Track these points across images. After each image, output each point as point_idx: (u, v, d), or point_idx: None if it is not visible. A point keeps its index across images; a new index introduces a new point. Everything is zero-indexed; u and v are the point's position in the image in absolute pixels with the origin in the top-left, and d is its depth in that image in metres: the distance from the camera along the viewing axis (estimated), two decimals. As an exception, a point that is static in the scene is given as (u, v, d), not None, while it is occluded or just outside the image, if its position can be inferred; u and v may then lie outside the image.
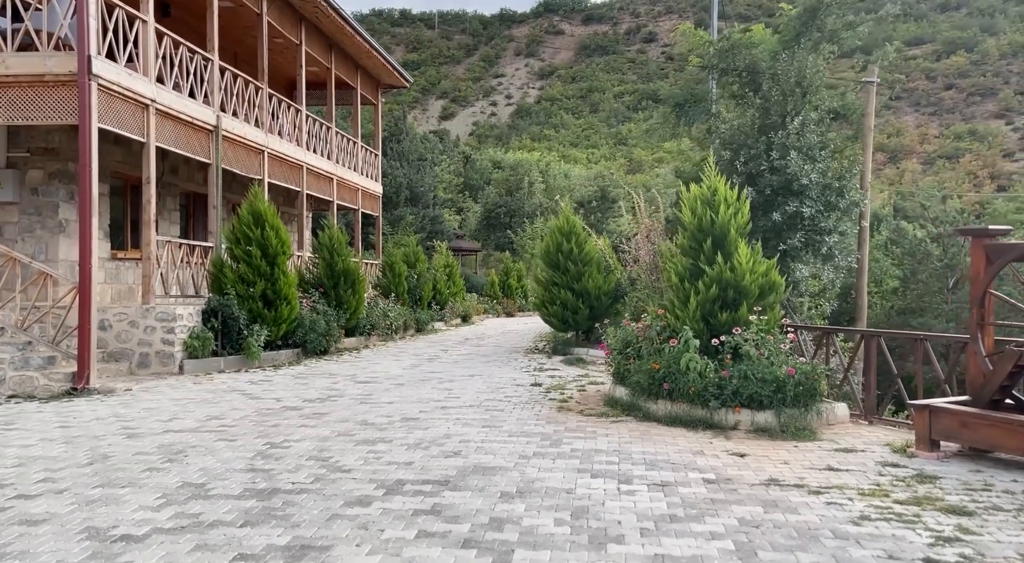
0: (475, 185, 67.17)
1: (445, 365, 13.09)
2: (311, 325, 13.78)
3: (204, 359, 11.99)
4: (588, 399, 9.48)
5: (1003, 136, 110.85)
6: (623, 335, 9.18)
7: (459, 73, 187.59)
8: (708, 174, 8.77)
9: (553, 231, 14.56)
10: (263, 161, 15.67)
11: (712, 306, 8.21)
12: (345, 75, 20.51)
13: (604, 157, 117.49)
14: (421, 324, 20.24)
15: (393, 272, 19.93)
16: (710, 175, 8.75)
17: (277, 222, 13.30)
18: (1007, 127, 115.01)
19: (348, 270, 15.69)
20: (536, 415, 8.47)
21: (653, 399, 8.15)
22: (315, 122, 18.70)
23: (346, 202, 20.43)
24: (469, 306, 26.04)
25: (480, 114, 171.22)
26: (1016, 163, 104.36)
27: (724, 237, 8.38)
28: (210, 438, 7.34)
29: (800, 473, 5.93)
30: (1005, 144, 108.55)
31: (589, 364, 12.97)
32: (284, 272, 13.03)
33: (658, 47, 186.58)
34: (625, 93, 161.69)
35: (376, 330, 17.18)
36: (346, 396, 9.88)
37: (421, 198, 37.62)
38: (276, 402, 9.45)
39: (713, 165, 12.94)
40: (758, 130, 12.60)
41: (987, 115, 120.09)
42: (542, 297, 14.56)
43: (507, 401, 9.40)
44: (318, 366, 13.01)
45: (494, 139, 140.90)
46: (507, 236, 49.78)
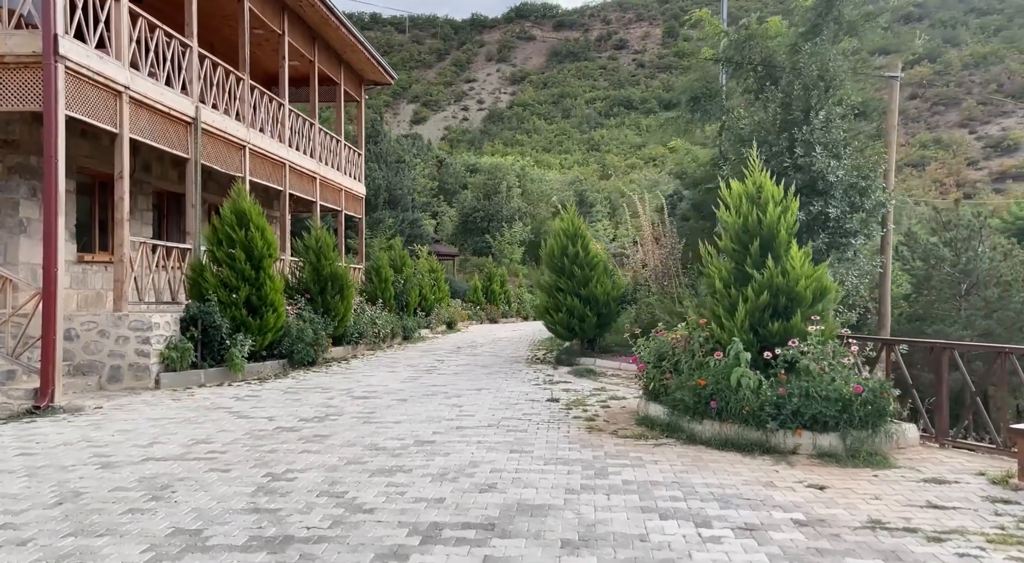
0: (450, 189, 66.18)
1: (446, 377, 12.14)
2: (298, 334, 12.74)
3: (183, 372, 10.91)
4: (616, 417, 8.61)
5: (967, 145, 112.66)
6: (656, 346, 8.33)
7: (430, 77, 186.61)
8: (752, 169, 7.97)
9: (557, 233, 13.69)
10: (244, 158, 14.61)
11: (762, 315, 7.40)
12: (328, 69, 19.48)
13: (577, 163, 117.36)
14: (408, 332, 19.25)
15: (379, 277, 18.91)
16: (754, 171, 7.95)
17: (263, 222, 12.27)
18: (971, 136, 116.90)
19: (336, 275, 14.68)
20: (566, 437, 7.58)
21: (698, 419, 7.31)
22: (298, 118, 17.66)
23: (329, 203, 19.38)
24: (454, 312, 25.08)
25: (452, 119, 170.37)
26: (980, 171, 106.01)
27: (773, 238, 7.58)
28: (199, 468, 6.34)
29: (901, 512, 5.11)
30: (969, 153, 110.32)
31: (601, 376, 12.11)
32: (270, 276, 11.99)
33: (629, 54, 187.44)
34: (597, 99, 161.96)
35: (364, 339, 16.17)
36: (346, 414, 8.91)
37: (400, 201, 36.56)
38: (268, 422, 8.45)
39: (728, 161, 12.24)
40: (780, 126, 11.86)
41: (951, 124, 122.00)
42: (546, 304, 13.68)
43: (527, 420, 8.50)
44: (307, 379, 11.98)
45: (467, 143, 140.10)
46: (485, 241, 48.85)
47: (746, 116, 12.66)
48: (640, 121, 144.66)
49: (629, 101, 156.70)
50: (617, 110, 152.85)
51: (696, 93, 14.17)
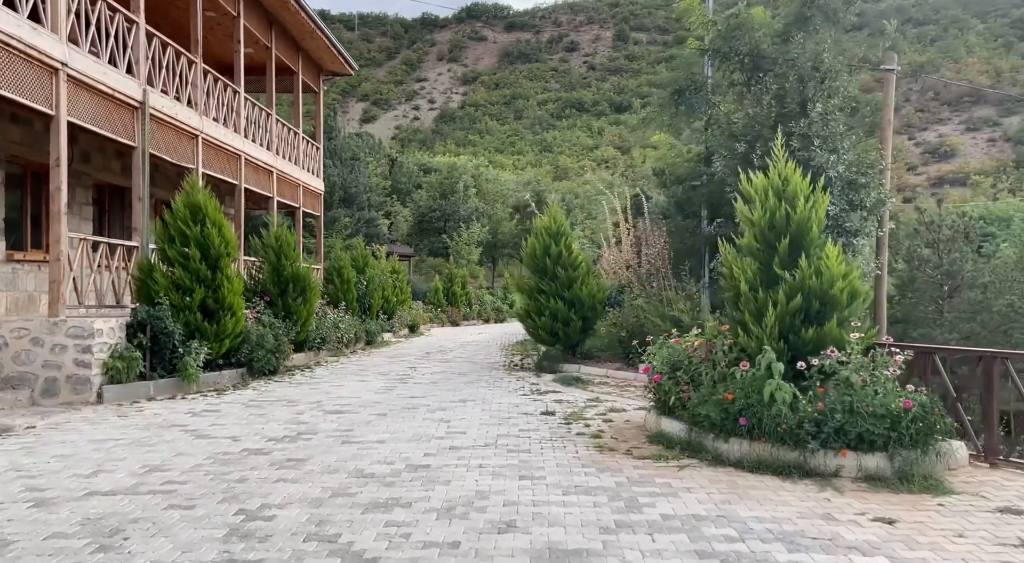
0: (403, 189, 64.94)
1: (424, 387, 11.20)
2: (258, 340, 11.64)
3: (129, 384, 9.75)
4: (623, 433, 7.81)
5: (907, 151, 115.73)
6: (668, 355, 7.56)
7: (380, 76, 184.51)
8: (776, 160, 7.26)
9: (539, 232, 12.85)
10: (197, 148, 13.42)
11: (792, 320, 6.69)
12: (286, 57, 18.31)
13: (530, 164, 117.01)
14: (371, 336, 18.20)
15: (341, 278, 17.81)
16: (778, 161, 7.24)
17: (219, 217, 11.15)
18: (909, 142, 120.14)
19: (298, 276, 13.59)
20: (576, 458, 6.75)
21: (723, 437, 6.55)
22: (254, 107, 16.47)
23: (286, 199, 18.21)
24: (417, 315, 24.06)
25: (403, 118, 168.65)
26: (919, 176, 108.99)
27: (803, 235, 6.89)
28: (156, 505, 5.33)
29: (998, 554, 4.41)
30: (908, 158, 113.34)
31: (590, 385, 11.32)
32: (228, 277, 10.88)
33: (580, 57, 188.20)
34: (549, 101, 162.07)
35: (326, 344, 15.09)
36: (321, 432, 7.92)
37: (355, 199, 35.32)
38: (233, 442, 7.42)
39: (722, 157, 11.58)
40: (775, 119, 11.24)
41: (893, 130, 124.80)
42: (527, 307, 12.82)
43: (525, 437, 7.64)
44: (270, 389, 10.91)
45: (418, 143, 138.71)
46: (442, 241, 47.80)
47: (739, 109, 12.02)
48: (592, 123, 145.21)
49: (581, 103, 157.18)
50: (569, 112, 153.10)
51: (680, 86, 13.50)
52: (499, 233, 51.85)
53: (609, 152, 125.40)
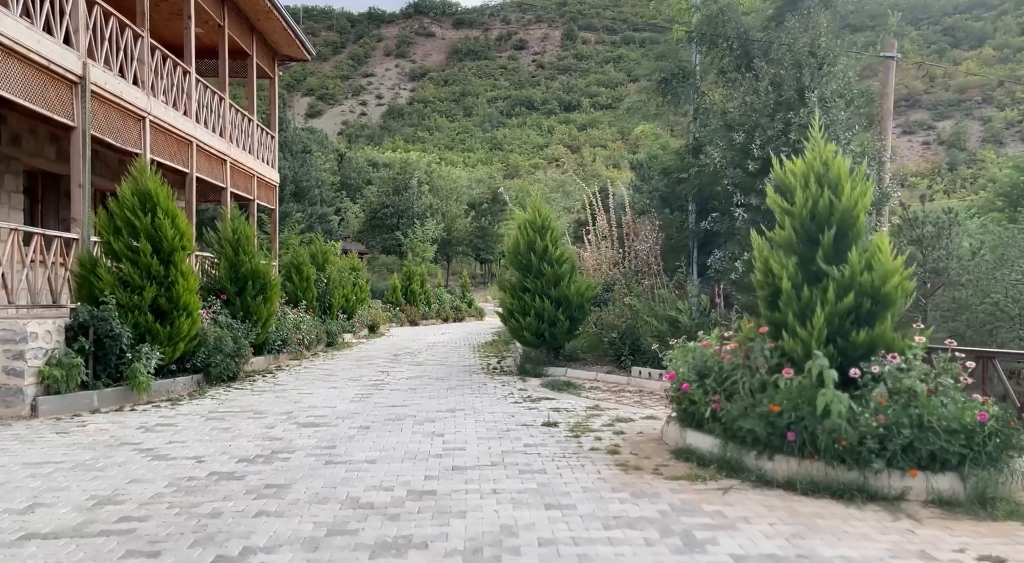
0: (352, 184, 63.45)
1: (403, 394, 10.23)
2: (216, 343, 10.51)
3: (70, 395, 8.57)
4: (642, 448, 7.01)
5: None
6: (696, 360, 6.79)
7: (326, 70, 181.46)
8: (814, 141, 6.54)
9: (523, 226, 11.98)
10: (144, 131, 12.17)
11: (842, 322, 5.99)
12: (239, 38, 17.05)
13: (481, 161, 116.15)
14: (332, 337, 17.09)
15: (300, 275, 16.65)
16: (817, 144, 6.53)
17: (173, 207, 9.99)
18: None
19: (257, 272, 12.46)
20: (600, 479, 5.92)
21: (766, 454, 5.80)
22: (206, 90, 15.21)
23: (240, 190, 16.96)
24: (377, 315, 22.97)
25: (350, 113, 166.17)
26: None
27: (851, 226, 6.19)
28: (111, 551, 4.32)
29: None
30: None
31: (582, 390, 10.51)
32: (183, 273, 9.74)
33: (529, 55, 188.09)
34: (498, 98, 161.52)
35: (287, 347, 13.97)
36: (298, 450, 6.92)
37: (307, 194, 33.92)
38: (197, 465, 6.38)
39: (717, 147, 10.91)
40: (772, 108, 10.61)
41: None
42: (511, 307, 11.93)
43: (534, 453, 6.78)
44: (231, 398, 9.80)
45: (365, 139, 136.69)
46: (395, 238, 46.59)
47: (734, 98, 11.36)
48: (542, 122, 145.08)
49: (531, 101, 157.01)
50: (519, 110, 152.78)
51: (666, 74, 12.79)
52: (454, 230, 50.89)
53: (560, 151, 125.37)
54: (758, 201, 10.48)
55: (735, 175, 10.65)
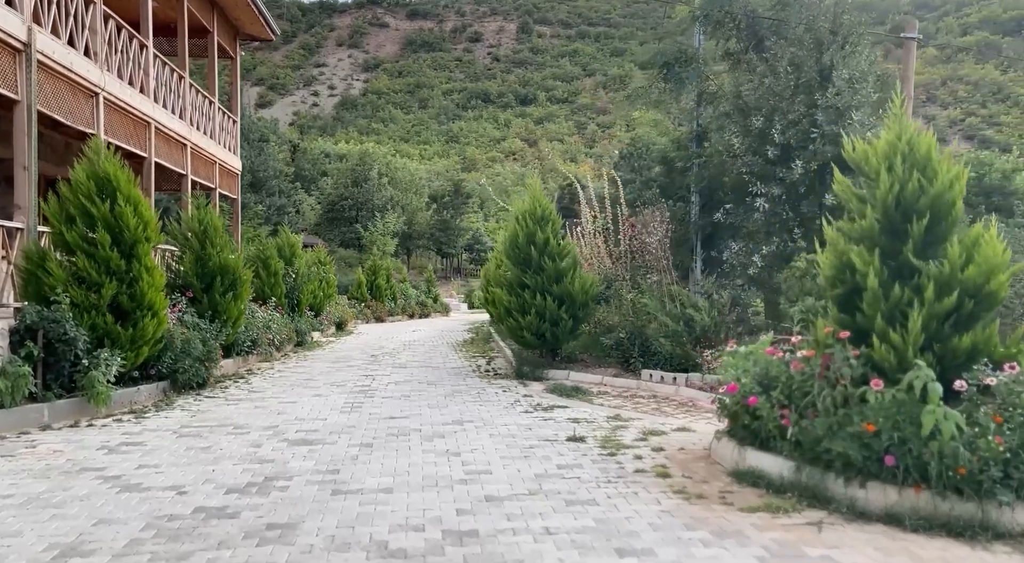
0: (307, 176, 61.64)
1: (397, 403, 9.22)
2: (184, 346, 9.36)
3: (16, 409, 7.38)
4: (694, 469, 6.16)
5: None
6: (758, 369, 5.97)
7: (277, 60, 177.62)
8: (895, 116, 5.75)
9: (522, 217, 11.03)
10: (97, 109, 10.89)
11: (940, 325, 5.22)
12: (199, 13, 15.73)
13: (437, 154, 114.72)
14: (301, 336, 15.93)
15: (268, 270, 15.44)
16: (899, 117, 5.73)
17: (135, 193, 8.80)
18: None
19: (226, 267, 11.29)
20: (666, 513, 5.05)
21: (857, 482, 5.00)
22: (164, 66, 13.89)
23: (201, 178, 15.66)
24: (344, 312, 21.80)
25: (301, 104, 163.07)
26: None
27: (945, 213, 5.42)
28: (89, 638, 3.28)
29: None
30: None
31: (593, 395, 9.64)
32: (148, 268, 8.58)
33: (484, 47, 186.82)
34: (454, 91, 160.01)
35: (257, 347, 12.81)
36: (296, 475, 5.91)
37: (264, 184, 32.37)
38: (178, 497, 5.34)
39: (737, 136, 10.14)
40: (794, 89, 9.86)
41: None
42: (509, 305, 10.98)
43: (573, 478, 5.88)
44: (204, 409, 8.67)
45: (318, 130, 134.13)
46: (355, 231, 45.14)
47: (751, 79, 10.58)
48: (499, 115, 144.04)
49: (487, 94, 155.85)
50: (475, 103, 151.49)
51: (669, 58, 11.96)
52: (415, 223, 49.66)
53: (517, 144, 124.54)
54: (780, 190, 9.74)
55: (753, 162, 9.90)
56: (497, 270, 12.04)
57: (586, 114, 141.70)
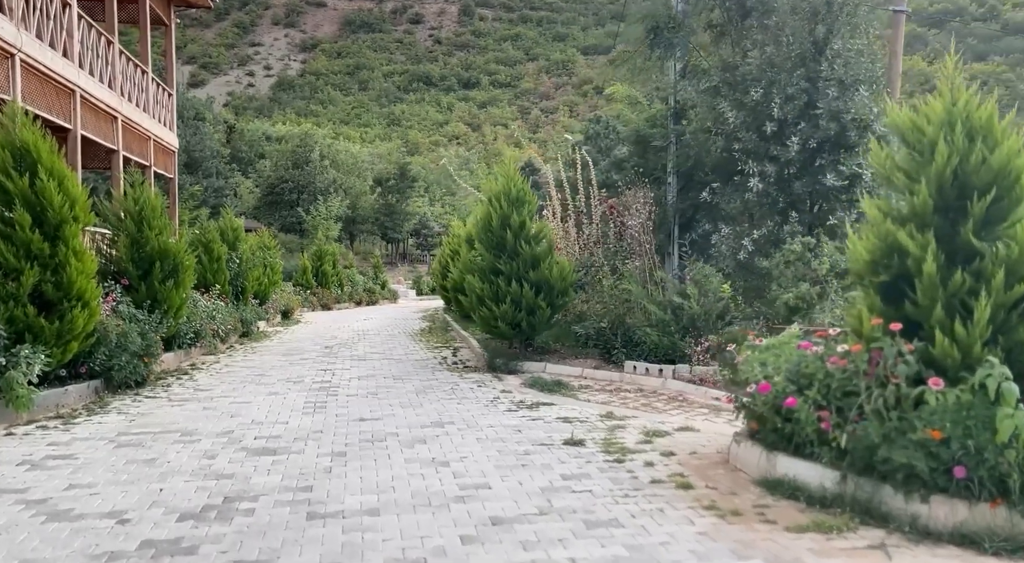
0: (244, 158, 59.38)
1: (364, 401, 8.33)
2: (120, 340, 8.28)
3: (-83, 418, 6.24)
4: (716, 479, 5.49)
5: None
6: (793, 365, 5.31)
7: (209, 38, 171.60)
8: (948, 77, 5.12)
9: (495, 198, 10.18)
10: (12, 71, 9.63)
11: (1008, 316, 4.64)
12: (130, -28, 14.36)
13: (379, 137, 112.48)
14: (247, 326, 14.81)
15: (210, 255, 14.24)
16: (953, 81, 5.11)
17: (60, 166, 7.67)
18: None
19: (166, 252, 10.18)
20: (703, 535, 4.36)
21: (918, 496, 4.39)
22: (91, 29, 12.55)
23: (134, 155, 14.34)
24: (290, 299, 20.64)
25: (236, 84, 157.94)
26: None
27: (1009, 188, 4.83)
28: None
29: None
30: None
31: (576, 390, 8.92)
32: (77, 252, 7.47)
33: (425, 30, 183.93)
34: (395, 73, 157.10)
35: (200, 339, 11.70)
36: (261, 494, 5.02)
37: (201, 165, 30.64)
38: (119, 528, 4.42)
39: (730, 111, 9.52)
40: (793, 61, 9.25)
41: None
42: (482, 292, 10.14)
43: (584, 492, 5.13)
44: (145, 412, 7.63)
45: (254, 111, 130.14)
46: (296, 215, 43.46)
47: (735, 53, 9.92)
48: (441, 98, 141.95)
49: (428, 77, 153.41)
50: (417, 86, 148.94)
51: (657, 22, 11.19)
52: (359, 207, 48.18)
53: (460, 128, 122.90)
54: (774, 169, 9.15)
55: (747, 139, 9.28)
56: (469, 254, 11.18)
57: (529, 99, 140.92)
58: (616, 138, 13.74)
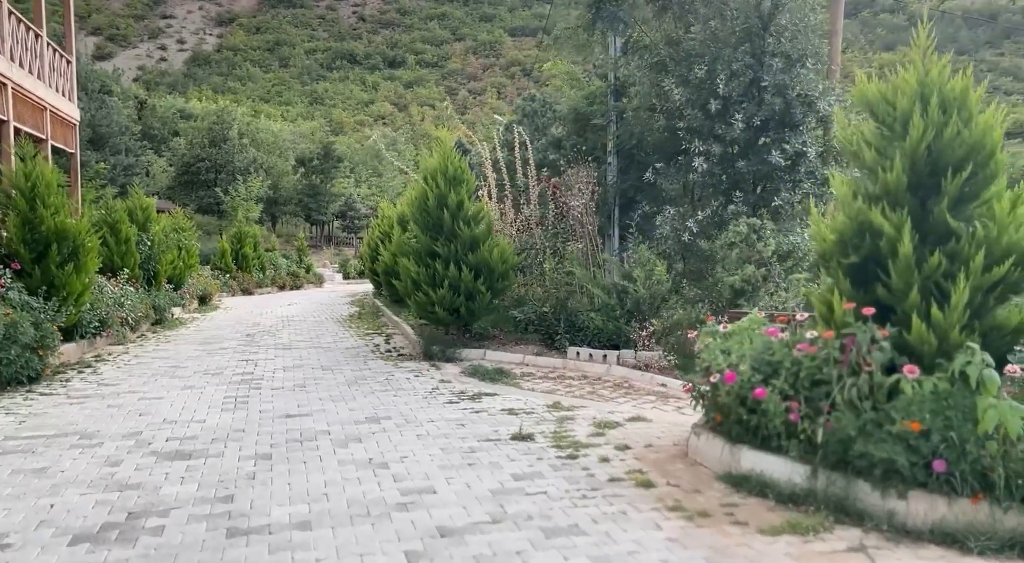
0: (156, 136, 56.58)
1: (291, 395, 7.68)
2: (9, 332, 7.38)
3: None
4: (676, 474, 5.14)
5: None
6: (759, 352, 4.98)
7: (116, 7, 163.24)
8: (917, 48, 4.85)
9: (431, 176, 9.56)
10: None
11: (985, 299, 4.41)
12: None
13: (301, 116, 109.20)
14: (160, 313, 13.81)
15: (117, 237, 13.14)
16: (923, 49, 4.83)
17: (-68, 132, 6.68)
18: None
19: (65, 232, 9.22)
20: (673, 542, 3.99)
21: (895, 491, 4.12)
22: (-24, -15, 11.30)
23: (27, 127, 13.09)
24: (208, 284, 19.52)
25: (147, 58, 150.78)
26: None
27: (983, 164, 4.59)
28: None
29: None
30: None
31: (520, 378, 8.47)
32: (-46, 232, 6.55)
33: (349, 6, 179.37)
34: (317, 50, 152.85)
35: (107, 328, 10.75)
36: (174, 507, 4.41)
37: (107, 141, 28.75)
38: (-2, 559, 3.75)
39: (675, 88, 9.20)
40: (739, 36, 8.95)
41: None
42: (417, 276, 9.53)
43: (539, 494, 4.70)
44: (36, 411, 6.80)
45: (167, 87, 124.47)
46: (214, 195, 41.54)
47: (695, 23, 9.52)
48: (366, 77, 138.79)
49: (352, 55, 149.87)
50: (340, 64, 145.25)
51: (601, -7, 10.71)
52: (281, 188, 46.47)
53: (386, 108, 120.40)
54: (720, 148, 8.87)
55: (692, 117, 8.96)
56: (402, 236, 10.58)
57: (456, 80, 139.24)
58: (553, 116, 13.29)
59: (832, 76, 11.37)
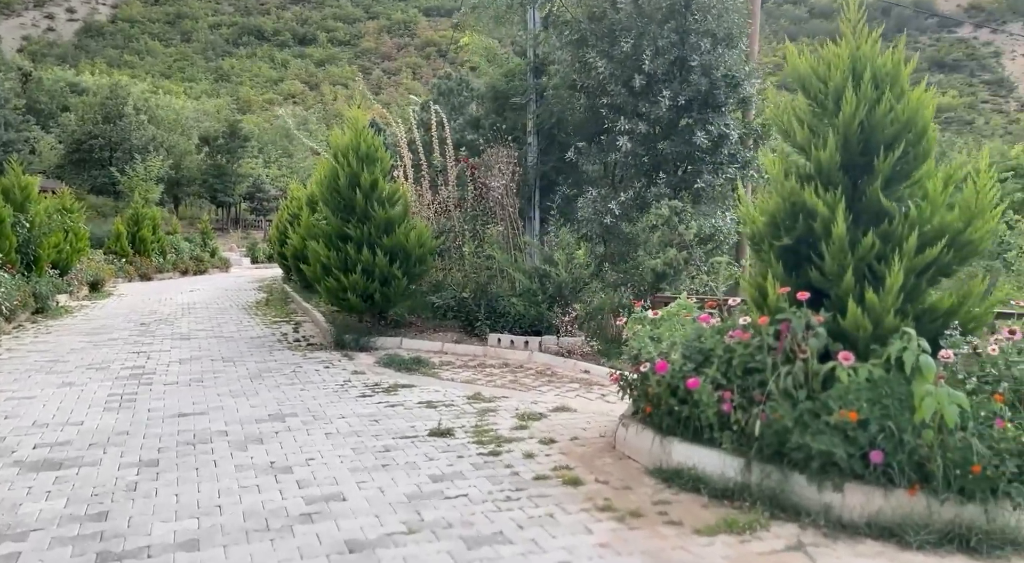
0: (44, 110, 52.96)
1: (186, 390, 7.03)
2: None
3: None
4: (605, 469, 4.86)
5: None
6: (690, 340, 4.73)
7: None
8: (848, 22, 4.65)
9: (342, 153, 8.93)
10: None
11: (918, 281, 4.28)
12: None
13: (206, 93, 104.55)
14: (42, 301, 12.69)
15: (-10, 218, 11.94)
16: (854, 23, 4.64)
17: None
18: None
19: (-78, 212, 8.16)
20: (605, 548, 3.71)
21: (830, 484, 3.94)
22: None
23: None
24: (100, 269, 18.21)
25: (33, 27, 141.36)
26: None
27: (915, 141, 4.45)
28: None
29: None
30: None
31: (439, 367, 8.04)
32: None
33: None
34: (222, 25, 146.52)
35: (-23, 319, 9.72)
36: (34, 528, 3.87)
37: (-15, 114, 26.45)
38: None
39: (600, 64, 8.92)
40: (664, 13, 8.70)
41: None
42: (328, 260, 8.91)
43: (460, 498, 4.34)
44: None
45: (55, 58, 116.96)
46: (108, 175, 39.11)
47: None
48: (275, 54, 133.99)
49: (261, 31, 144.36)
50: (248, 40, 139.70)
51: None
52: (183, 168, 44.21)
53: (296, 87, 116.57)
54: (645, 127, 8.64)
55: (616, 93, 8.68)
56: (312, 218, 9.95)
57: (370, 59, 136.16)
58: (471, 95, 12.83)
59: (752, 58, 11.34)
